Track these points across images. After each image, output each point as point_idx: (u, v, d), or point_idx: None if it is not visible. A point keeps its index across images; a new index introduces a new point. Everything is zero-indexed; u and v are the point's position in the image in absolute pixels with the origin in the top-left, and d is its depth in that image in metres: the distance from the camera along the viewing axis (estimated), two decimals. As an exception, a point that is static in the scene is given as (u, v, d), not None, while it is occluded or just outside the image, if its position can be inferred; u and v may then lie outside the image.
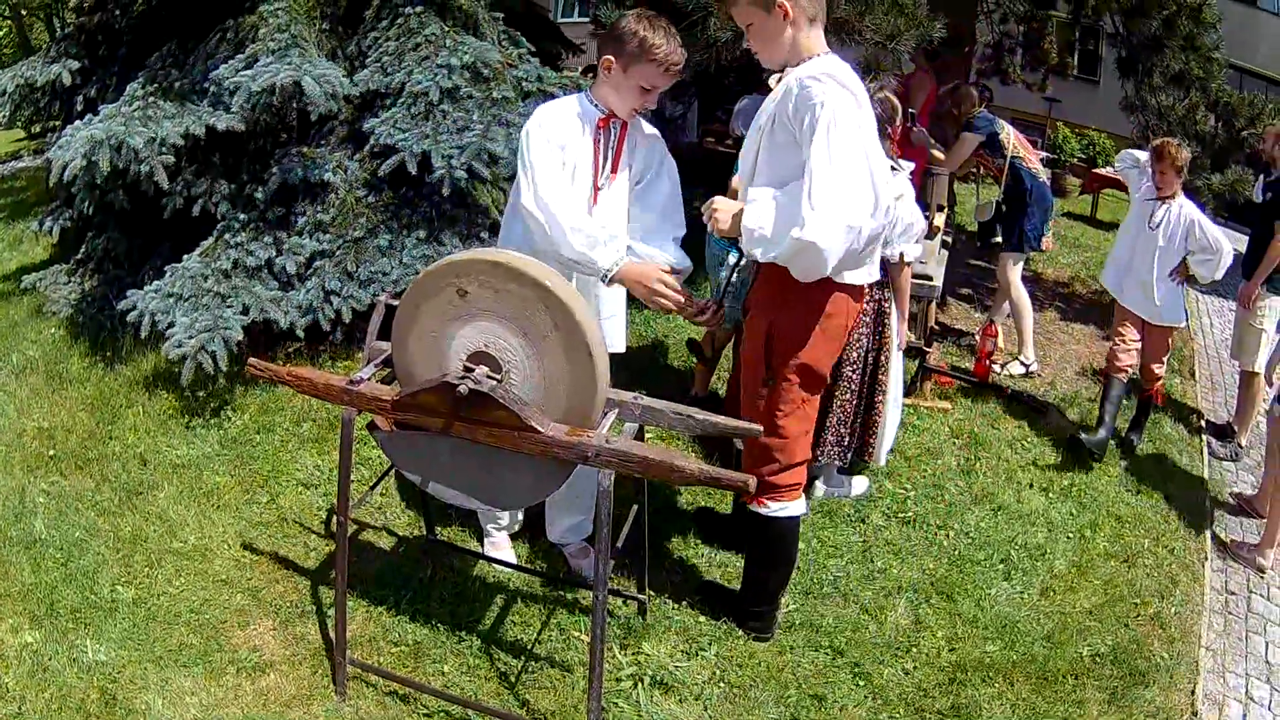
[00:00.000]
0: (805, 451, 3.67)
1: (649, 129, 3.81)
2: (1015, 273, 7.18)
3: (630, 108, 3.57)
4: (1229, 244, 5.88)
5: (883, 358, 4.77)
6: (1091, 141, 18.00)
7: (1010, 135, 7.16)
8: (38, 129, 8.70)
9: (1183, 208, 5.93)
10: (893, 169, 4.62)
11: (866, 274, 3.53)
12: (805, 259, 3.09)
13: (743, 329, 3.82)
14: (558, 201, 3.36)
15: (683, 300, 3.43)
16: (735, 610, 4.03)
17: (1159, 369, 6.29)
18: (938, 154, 7.54)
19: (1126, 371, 6.16)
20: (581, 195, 3.60)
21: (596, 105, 3.60)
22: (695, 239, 4.10)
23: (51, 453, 5.00)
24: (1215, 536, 5.42)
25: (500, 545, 4.31)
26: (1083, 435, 5.86)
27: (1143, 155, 6.31)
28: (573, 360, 2.88)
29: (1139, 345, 6.20)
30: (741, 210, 3.32)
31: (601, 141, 3.62)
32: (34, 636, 3.73)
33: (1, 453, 5.03)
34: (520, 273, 2.83)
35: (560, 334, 2.86)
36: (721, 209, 3.40)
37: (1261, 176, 7.10)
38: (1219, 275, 5.98)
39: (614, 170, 3.67)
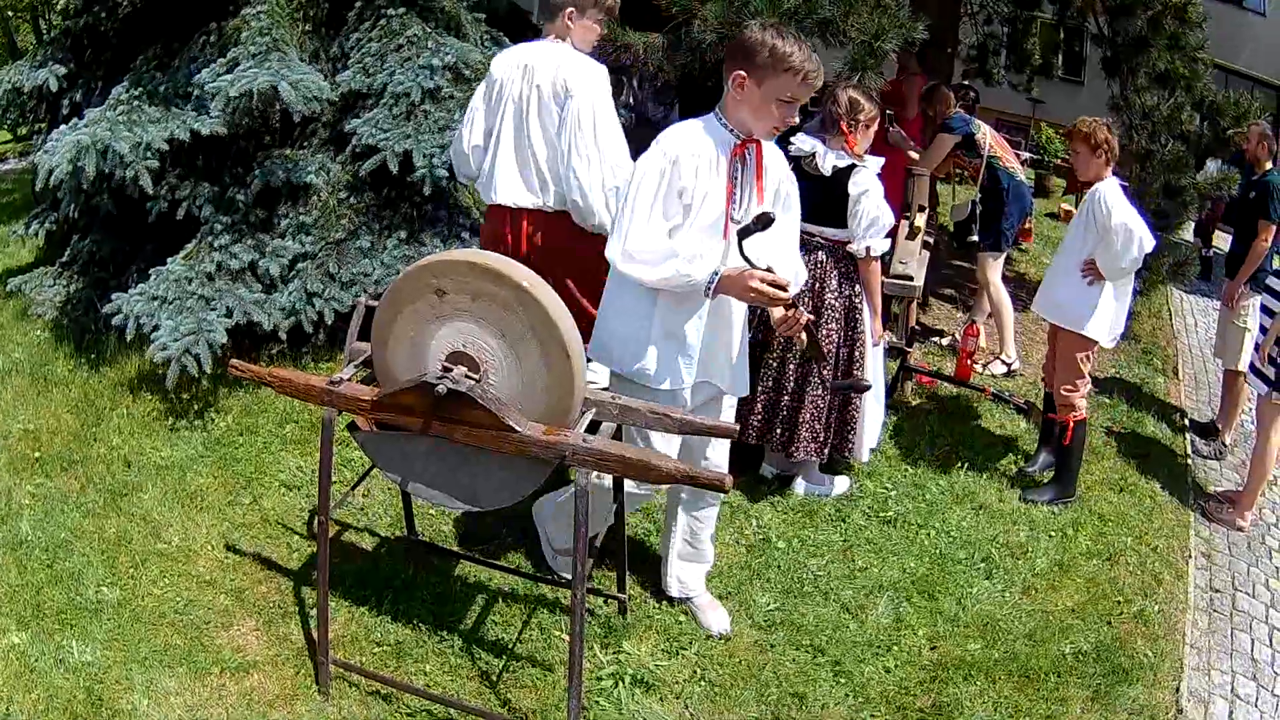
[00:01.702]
0: None
1: (772, 145, 3.57)
2: (995, 272, 7.19)
3: (770, 126, 3.31)
4: (1137, 226, 4.97)
5: (856, 353, 4.80)
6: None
7: (987, 135, 7.18)
8: (24, 131, 8.68)
9: (1099, 188, 5.16)
10: (853, 165, 4.65)
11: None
12: None
13: None
14: (644, 251, 3.23)
15: (784, 295, 3.20)
16: None
17: (1071, 393, 5.35)
18: (913, 155, 7.56)
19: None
20: (709, 230, 3.36)
21: (731, 129, 3.33)
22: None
23: (37, 454, 5.00)
24: (1196, 501, 5.62)
25: (707, 607, 4.13)
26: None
27: None
28: (550, 361, 2.90)
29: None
30: None
31: (739, 169, 3.39)
32: (20, 637, 3.73)
33: (-13, 455, 5.04)
34: (498, 273, 2.85)
35: (537, 335, 2.87)
36: None
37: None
38: (1121, 264, 5.04)
39: (760, 198, 3.45)
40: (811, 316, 3.58)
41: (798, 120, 3.45)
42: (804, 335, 3.43)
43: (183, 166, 5.73)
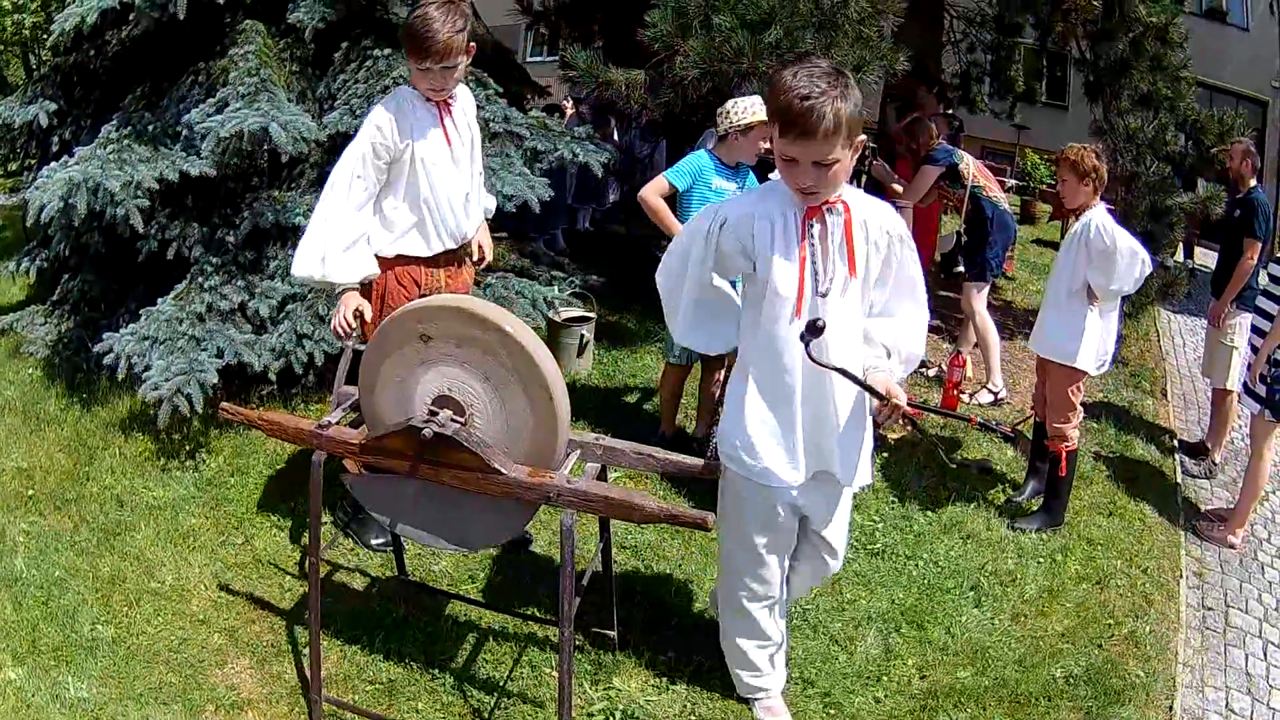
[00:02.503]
0: None
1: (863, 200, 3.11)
2: (980, 301, 7.20)
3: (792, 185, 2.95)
4: (1139, 249, 4.96)
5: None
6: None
7: (970, 165, 7.20)
8: (14, 168, 8.73)
9: (1090, 216, 5.11)
10: None
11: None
12: None
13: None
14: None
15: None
16: None
17: (1064, 425, 5.30)
18: (896, 188, 7.60)
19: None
20: (779, 314, 3.02)
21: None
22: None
23: (30, 492, 5.02)
24: (1187, 521, 5.66)
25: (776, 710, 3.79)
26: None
27: None
28: (534, 402, 2.93)
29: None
30: None
31: (814, 239, 2.99)
32: (17, 673, 3.75)
33: (-20, 492, 5.06)
34: (481, 318, 2.88)
35: (521, 378, 2.90)
36: None
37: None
38: (1124, 286, 5.04)
39: (851, 269, 3.03)
40: (910, 410, 3.09)
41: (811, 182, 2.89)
42: (904, 423, 3.34)
43: (172, 206, 5.78)
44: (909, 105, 8.67)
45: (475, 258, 4.38)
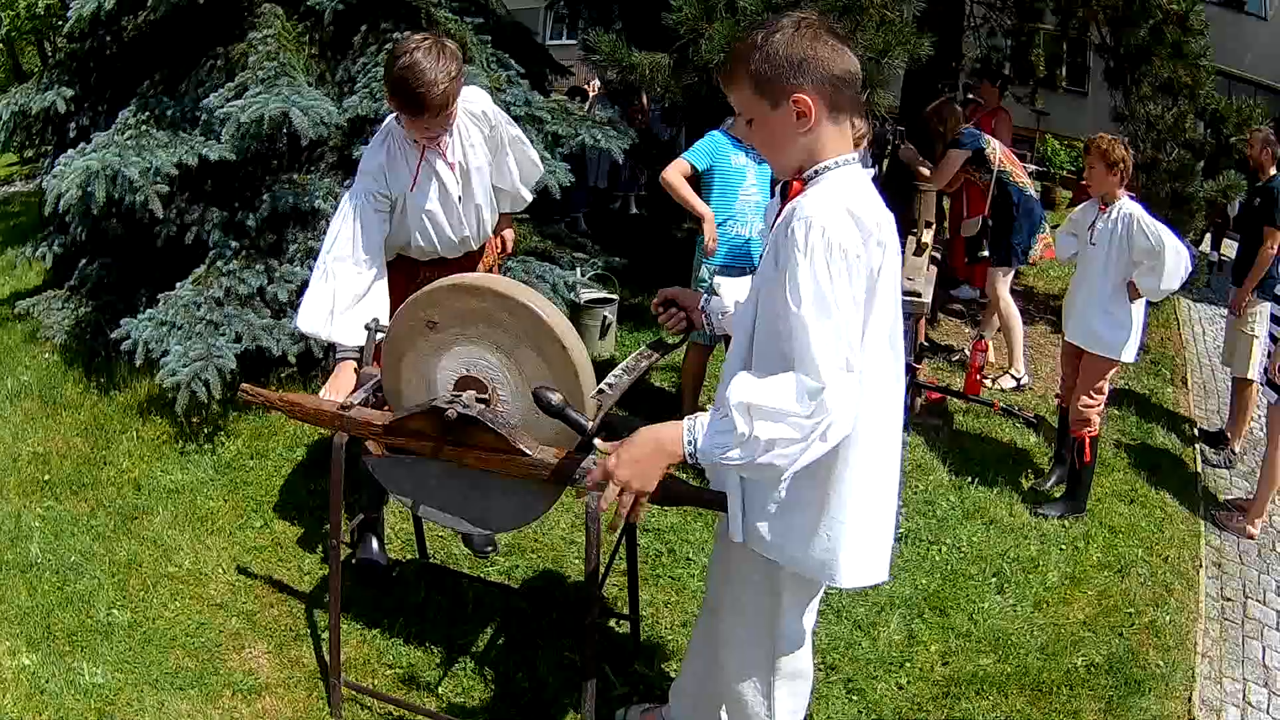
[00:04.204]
0: None
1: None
2: (1004, 287, 7.17)
3: None
4: (1181, 245, 5.02)
5: None
6: (1081, 154, 18.04)
7: (996, 150, 7.17)
8: (30, 154, 8.73)
9: (1122, 208, 5.18)
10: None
11: None
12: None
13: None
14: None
15: None
16: None
17: (1088, 409, 5.32)
18: (924, 170, 7.57)
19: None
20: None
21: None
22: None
23: (46, 477, 5.02)
24: (1207, 510, 5.63)
25: None
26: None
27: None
28: (549, 359, 2.88)
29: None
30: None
31: None
32: (31, 659, 3.74)
33: (-3, 477, 5.06)
34: (473, 286, 2.87)
35: (530, 337, 2.86)
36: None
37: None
38: (1173, 285, 5.05)
39: None
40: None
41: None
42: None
43: (191, 191, 5.77)
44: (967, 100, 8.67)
45: (497, 251, 4.31)
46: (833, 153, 2.39)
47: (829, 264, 2.19)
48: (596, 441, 2.57)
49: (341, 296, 3.60)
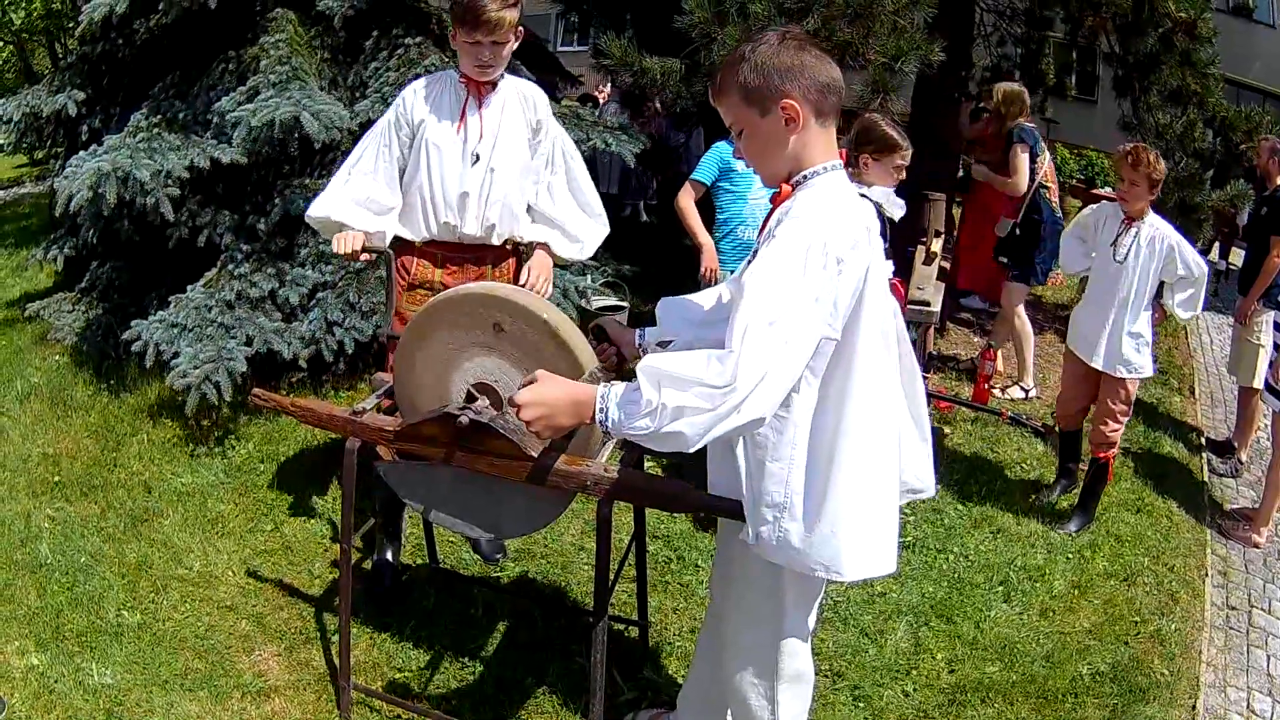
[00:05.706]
0: None
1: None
2: (1019, 301, 7.14)
3: None
4: (1207, 268, 5.11)
5: None
6: (1090, 162, 18.06)
7: (1045, 161, 7.09)
8: (40, 156, 8.77)
9: (1156, 229, 5.06)
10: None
11: None
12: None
13: None
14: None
15: None
16: None
17: (1115, 431, 5.33)
18: (1002, 178, 7.34)
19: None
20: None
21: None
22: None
23: (57, 479, 5.05)
24: (1213, 519, 5.62)
25: None
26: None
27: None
28: (545, 351, 2.89)
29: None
30: None
31: None
32: (40, 659, 3.77)
33: (7, 478, 5.08)
34: (465, 295, 2.93)
35: (528, 333, 2.87)
36: None
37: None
38: (1200, 310, 5.22)
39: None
40: None
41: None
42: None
43: (203, 194, 5.79)
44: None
45: (522, 280, 4.11)
46: (820, 158, 2.43)
47: (805, 258, 2.24)
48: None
49: (357, 195, 3.79)
